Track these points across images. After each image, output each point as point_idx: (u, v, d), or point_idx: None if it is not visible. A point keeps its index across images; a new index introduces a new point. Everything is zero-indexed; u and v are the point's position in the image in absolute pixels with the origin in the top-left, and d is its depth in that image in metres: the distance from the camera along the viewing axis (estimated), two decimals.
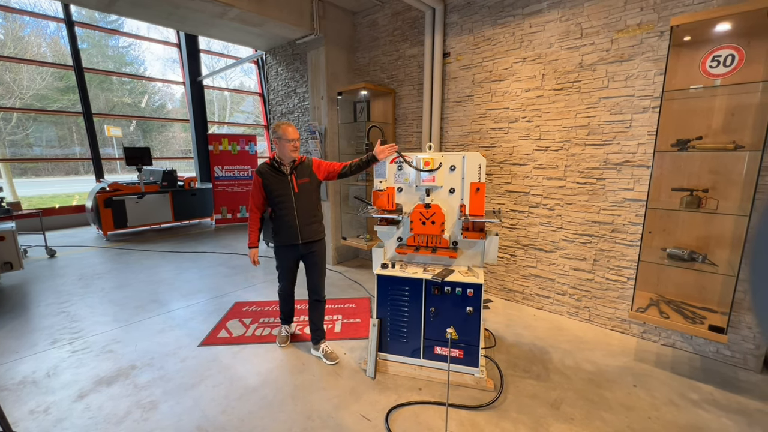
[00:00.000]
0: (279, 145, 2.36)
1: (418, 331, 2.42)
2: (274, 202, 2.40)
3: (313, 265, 2.57)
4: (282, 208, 2.40)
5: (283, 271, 2.60)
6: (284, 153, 2.37)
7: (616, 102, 2.84)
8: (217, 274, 4.58)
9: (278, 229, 2.46)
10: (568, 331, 3.08)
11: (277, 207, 2.40)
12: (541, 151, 3.28)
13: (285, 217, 2.41)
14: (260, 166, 2.43)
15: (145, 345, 2.87)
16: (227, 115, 14.22)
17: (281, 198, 2.40)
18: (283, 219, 2.41)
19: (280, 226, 2.43)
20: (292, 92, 6.09)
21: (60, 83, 10.45)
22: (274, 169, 2.41)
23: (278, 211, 2.41)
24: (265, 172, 2.41)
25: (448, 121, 3.90)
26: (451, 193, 2.46)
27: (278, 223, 2.43)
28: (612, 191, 2.94)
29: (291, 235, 2.45)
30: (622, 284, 2.99)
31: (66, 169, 13.75)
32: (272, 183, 2.39)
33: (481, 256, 2.50)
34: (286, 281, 2.64)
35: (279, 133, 2.36)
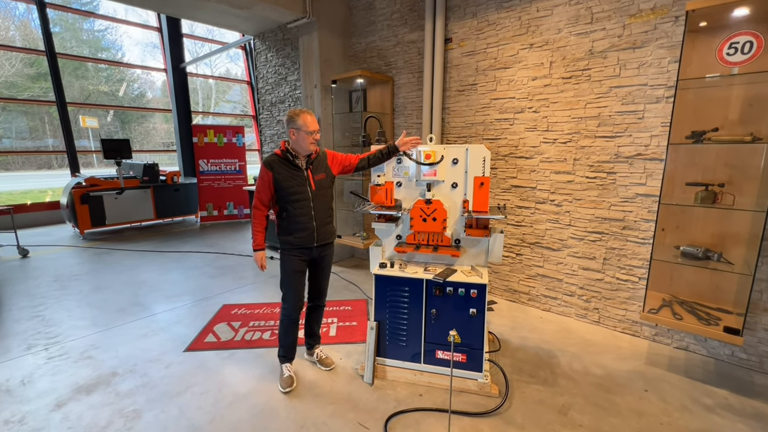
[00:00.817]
0: (297, 137, 2.18)
1: (418, 334, 2.43)
2: (286, 200, 2.23)
3: (323, 269, 2.46)
4: (297, 207, 2.23)
5: (290, 282, 2.32)
6: (302, 146, 2.21)
7: (628, 91, 2.86)
8: (203, 275, 4.57)
9: (290, 231, 2.27)
10: (576, 333, 3.11)
11: (290, 206, 2.23)
12: (549, 143, 3.29)
13: (300, 217, 2.25)
14: (269, 159, 2.23)
15: (127, 350, 2.86)
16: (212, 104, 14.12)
17: (296, 196, 2.23)
18: (297, 219, 2.24)
19: (293, 227, 2.26)
20: (283, 80, 6.06)
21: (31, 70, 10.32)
22: (287, 162, 2.22)
23: (292, 210, 2.23)
24: (277, 166, 2.21)
25: (450, 111, 3.91)
26: (454, 188, 2.47)
27: (290, 224, 2.26)
28: (623, 186, 2.97)
29: (306, 237, 2.29)
30: (633, 284, 3.03)
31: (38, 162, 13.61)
32: (285, 179, 2.21)
33: (485, 255, 2.51)
34: (294, 296, 2.33)
35: (298, 123, 2.17)
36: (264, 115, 6.74)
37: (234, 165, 7.66)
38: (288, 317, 2.38)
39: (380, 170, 2.59)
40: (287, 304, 2.37)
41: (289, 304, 2.36)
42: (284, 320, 2.40)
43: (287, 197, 2.22)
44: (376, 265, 2.53)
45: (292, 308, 2.36)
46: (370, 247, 2.64)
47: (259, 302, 3.74)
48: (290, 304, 2.36)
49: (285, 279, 2.34)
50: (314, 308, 2.61)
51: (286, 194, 2.22)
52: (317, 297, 2.56)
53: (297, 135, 2.19)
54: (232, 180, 7.68)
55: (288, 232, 2.29)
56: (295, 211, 2.24)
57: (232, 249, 5.72)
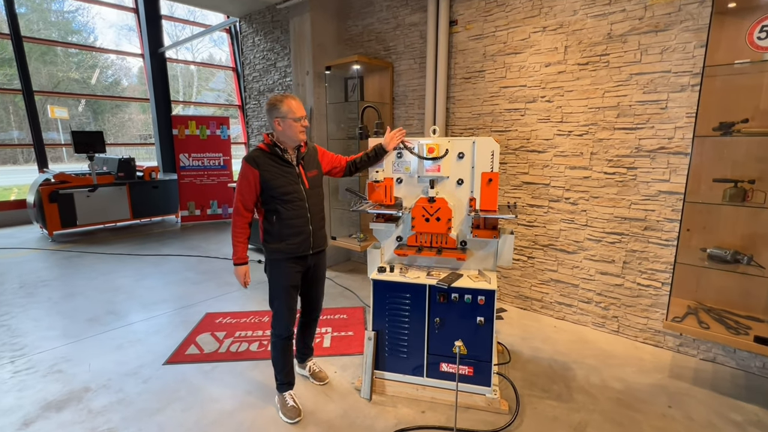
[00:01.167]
0: (283, 126, 2.08)
1: (420, 345, 2.43)
2: (277, 201, 2.11)
3: (317, 279, 2.40)
4: (290, 209, 2.13)
5: (283, 297, 2.22)
6: (291, 136, 2.10)
7: (650, 79, 2.87)
8: (184, 280, 4.56)
9: (282, 236, 2.15)
10: (593, 344, 3.12)
11: (282, 207, 2.12)
12: (564, 135, 3.30)
13: (294, 219, 2.15)
14: (253, 154, 2.11)
15: (101, 364, 2.85)
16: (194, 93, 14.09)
17: (289, 197, 2.12)
18: (291, 222, 2.14)
19: (286, 233, 2.15)
20: (272, 66, 6.05)
21: None
22: (276, 157, 2.12)
23: (285, 212, 2.13)
24: (264, 162, 2.09)
25: (456, 100, 3.91)
26: (459, 185, 2.47)
27: (282, 228, 2.14)
28: (645, 182, 2.97)
29: (301, 244, 2.19)
30: (655, 290, 3.03)
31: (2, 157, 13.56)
32: (275, 176, 2.09)
33: (494, 258, 2.51)
34: (289, 315, 2.24)
35: (282, 109, 2.07)
36: (251, 105, 6.72)
37: (218, 160, 7.65)
38: (280, 337, 2.26)
39: (379, 165, 2.58)
40: (279, 325, 2.24)
41: (282, 325, 2.24)
42: (277, 343, 2.27)
43: (278, 198, 2.11)
44: (374, 270, 2.53)
45: (284, 328, 2.25)
46: (368, 250, 2.63)
47: (246, 310, 3.73)
48: (283, 325, 2.24)
49: (277, 296, 2.22)
50: (308, 323, 2.55)
51: (275, 195, 2.10)
52: (314, 309, 2.49)
53: (283, 124, 2.08)
54: (216, 176, 7.67)
55: (279, 239, 2.15)
56: (288, 213, 2.13)
57: (216, 252, 5.71)
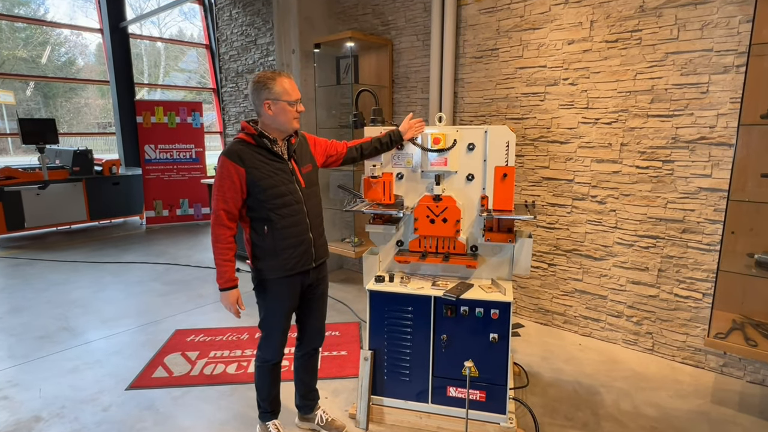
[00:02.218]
0: (275, 110, 1.97)
1: (425, 366, 2.44)
2: (269, 206, 2.00)
3: (319, 297, 2.31)
4: (286, 215, 2.03)
5: (276, 323, 2.15)
6: (283, 123, 2.00)
7: (688, 58, 2.89)
8: (150, 291, 4.56)
9: (277, 251, 2.05)
10: (624, 364, 3.13)
11: (275, 214, 2.01)
12: (590, 124, 3.32)
13: (291, 228, 2.05)
14: (236, 148, 1.99)
15: (53, 389, 2.85)
16: (161, 74, 14.08)
17: (284, 199, 2.02)
18: (288, 232, 2.04)
19: (281, 245, 2.05)
20: (252, 44, 6.06)
21: None
22: (264, 150, 2.01)
23: (279, 220, 2.02)
24: (250, 158, 1.98)
25: (465, 83, 3.92)
26: (469, 181, 2.49)
27: (276, 241, 2.04)
28: (683, 178, 3.00)
29: (302, 257, 2.10)
30: (695, 302, 3.05)
31: None
32: (265, 175, 1.99)
33: (509, 266, 2.52)
34: (281, 338, 2.19)
35: (275, 90, 1.95)
36: (228, 89, 6.73)
37: (189, 152, 7.65)
38: (268, 362, 2.23)
39: (376, 158, 2.59)
40: (270, 350, 2.20)
41: (273, 350, 2.20)
42: (264, 367, 2.24)
43: (271, 202, 2.00)
44: (370, 279, 2.53)
45: (275, 353, 2.21)
46: (364, 256, 2.64)
47: (221, 326, 3.74)
48: (274, 350, 2.20)
49: (271, 320, 2.16)
50: (308, 357, 2.41)
51: (268, 198, 1.99)
52: (313, 338, 2.36)
53: (275, 108, 1.96)
54: (187, 171, 7.66)
55: (273, 254, 2.05)
56: (284, 222, 2.03)
57: (186, 259, 5.71)
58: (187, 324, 3.79)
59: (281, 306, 2.15)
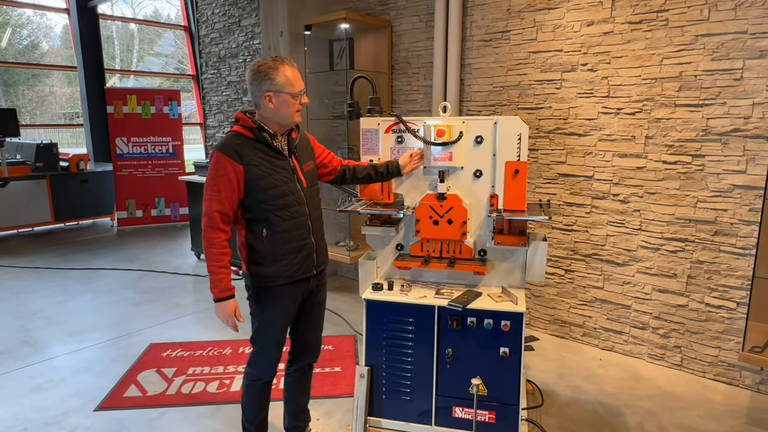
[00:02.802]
0: (276, 103, 1.98)
1: (427, 384, 2.43)
2: (268, 207, 2.01)
3: (317, 306, 2.32)
4: (287, 217, 2.04)
5: (274, 335, 2.16)
6: (284, 117, 2.02)
7: (720, 42, 2.88)
8: (122, 301, 4.54)
9: (277, 255, 2.05)
10: (649, 381, 3.13)
11: (276, 215, 2.03)
12: (611, 114, 3.31)
13: (292, 231, 2.06)
14: (232, 141, 1.98)
15: (13, 409, 2.83)
16: (135, 59, 14.06)
17: (285, 200, 2.03)
18: (289, 235, 2.06)
19: (282, 250, 2.05)
20: (235, 25, 6.05)
21: None
22: (263, 145, 2.02)
23: (279, 222, 2.03)
24: (249, 153, 1.98)
25: (472, 69, 3.92)
26: (477, 178, 2.48)
27: (276, 245, 2.05)
28: (714, 174, 2.99)
29: (304, 262, 2.12)
30: (728, 312, 3.05)
31: None
32: (265, 173, 1.99)
33: (522, 272, 2.52)
34: (276, 353, 2.18)
35: (277, 80, 1.95)
36: (209, 75, 6.72)
37: (166, 145, 7.63)
38: (260, 380, 2.22)
39: (373, 152, 2.58)
40: (262, 366, 2.19)
41: (266, 366, 2.19)
42: (254, 386, 2.22)
43: (271, 203, 2.01)
44: (367, 287, 2.53)
45: (268, 370, 2.21)
46: (360, 261, 2.63)
47: (202, 340, 3.72)
48: (268, 367, 2.19)
49: (266, 332, 2.15)
50: (301, 372, 2.42)
51: (268, 198, 2.00)
52: (308, 353, 2.37)
53: (276, 101, 1.97)
54: (164, 167, 7.64)
55: (273, 259, 2.05)
56: (285, 224, 2.04)
57: (163, 265, 5.69)
58: (163, 337, 3.77)
59: (279, 317, 2.14)
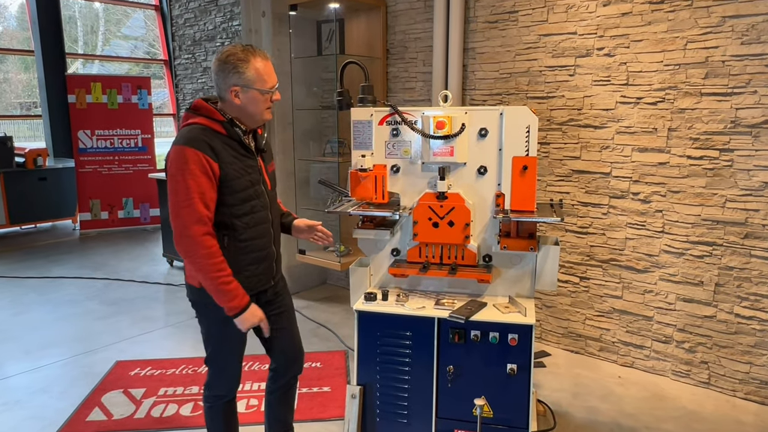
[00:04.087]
0: (244, 99, 1.98)
1: (426, 404, 2.44)
2: (232, 211, 2.00)
3: (285, 315, 2.33)
4: (251, 223, 2.05)
5: (232, 352, 2.18)
6: (252, 114, 2.02)
7: (750, 23, 2.91)
8: (85, 314, 4.52)
9: (239, 267, 2.03)
10: (673, 401, 3.14)
11: (240, 222, 2.02)
12: (630, 104, 3.33)
13: (255, 241, 2.08)
14: (204, 137, 1.93)
15: None
16: (100, 43, 14.03)
17: (251, 204, 2.04)
18: (252, 245, 2.07)
19: (245, 260, 2.06)
20: (212, 5, 6.05)
21: None
22: (235, 142, 2.01)
23: (243, 229, 2.03)
24: (220, 147, 1.95)
25: (476, 54, 3.93)
26: (481, 175, 2.49)
27: (238, 255, 2.04)
28: (745, 171, 3.01)
29: (264, 275, 2.16)
30: (761, 324, 3.07)
31: None
32: (236, 173, 1.98)
33: (531, 280, 2.52)
34: (235, 369, 2.22)
35: (246, 74, 1.94)
36: (182, 60, 6.71)
37: (135, 139, 7.61)
38: (222, 399, 2.23)
39: (366, 146, 2.59)
40: (222, 382, 2.21)
41: (226, 382, 2.22)
42: (216, 407, 2.24)
43: (235, 206, 2.00)
44: (359, 297, 2.53)
45: (230, 386, 2.24)
46: (351, 268, 2.63)
47: (174, 357, 3.71)
48: (228, 382, 2.22)
49: (225, 349, 2.17)
50: (286, 387, 2.41)
51: (236, 202, 2.00)
52: (291, 365, 2.37)
53: (243, 96, 1.97)
54: (132, 163, 7.63)
55: (234, 269, 2.00)
56: (249, 232, 2.05)
57: (130, 273, 5.67)
58: (130, 354, 3.76)
59: (233, 332, 2.10)
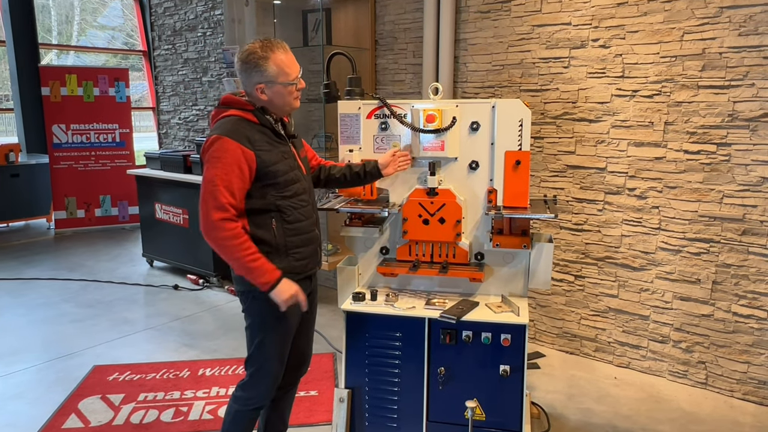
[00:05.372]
0: (270, 95, 2.07)
1: (416, 408, 2.44)
2: (279, 194, 2.08)
3: (312, 316, 2.41)
4: (297, 206, 2.13)
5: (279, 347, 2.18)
6: (282, 106, 2.12)
7: (747, 14, 2.93)
8: (61, 316, 4.49)
9: (288, 249, 2.11)
10: (670, 402, 3.17)
11: (287, 204, 2.10)
12: (626, 97, 3.35)
13: (302, 222, 2.15)
14: (239, 127, 2.02)
15: None
16: (75, 33, 13.89)
17: (295, 187, 2.12)
18: (300, 227, 2.14)
19: (294, 243, 2.13)
20: None
21: None
22: (268, 131, 2.10)
23: (291, 211, 2.11)
24: (258, 138, 2.04)
25: (468, 45, 3.93)
26: (473, 170, 2.49)
27: (288, 237, 2.11)
28: (742, 165, 3.03)
29: (313, 258, 2.23)
30: (759, 322, 3.09)
31: None
32: (274, 159, 2.06)
33: (525, 278, 2.53)
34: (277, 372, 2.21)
35: (268, 71, 2.02)
36: (162, 51, 6.66)
37: (112, 133, 7.55)
38: (254, 408, 2.23)
39: (354, 140, 2.58)
40: (261, 390, 2.19)
41: (265, 390, 2.20)
42: (245, 413, 2.23)
43: (281, 189, 2.08)
44: (347, 297, 2.53)
45: (266, 394, 2.22)
46: (338, 267, 2.63)
47: (154, 361, 3.70)
48: (267, 390, 2.20)
49: (271, 346, 2.16)
50: (289, 387, 2.45)
51: (281, 184, 2.08)
52: (300, 364, 2.42)
53: (270, 92, 2.06)
54: (110, 159, 7.57)
55: (284, 251, 2.10)
56: (296, 213, 2.12)
57: (108, 273, 5.64)
58: (108, 358, 3.74)
59: (286, 323, 2.14)
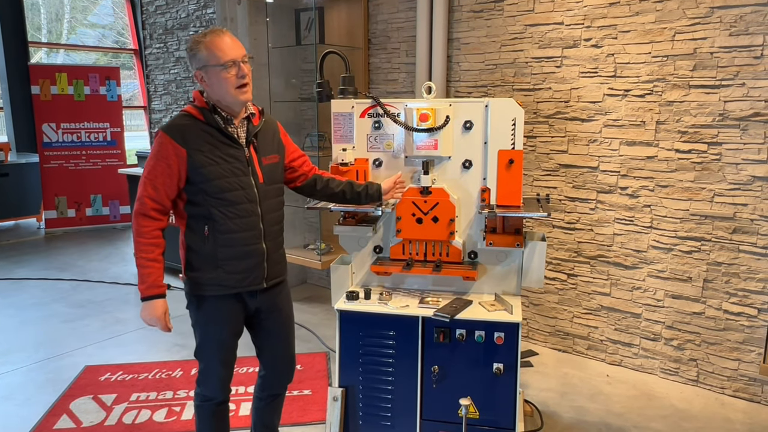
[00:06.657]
0: (209, 80, 2.00)
1: (410, 406, 2.45)
2: (212, 201, 2.02)
3: (281, 325, 2.32)
4: (233, 215, 2.04)
5: (216, 351, 2.17)
6: (223, 95, 2.01)
7: (738, 14, 2.95)
8: (52, 316, 4.48)
9: (217, 259, 2.07)
10: (662, 400, 3.19)
11: (220, 213, 2.03)
12: (618, 96, 3.37)
13: (239, 233, 2.06)
14: (178, 121, 2.02)
15: None
16: (65, 31, 13.79)
17: (232, 195, 2.03)
18: (234, 237, 2.06)
19: (225, 253, 2.06)
20: None
21: None
22: (214, 129, 2.03)
23: (223, 220, 2.04)
24: (195, 137, 2.00)
25: (461, 44, 3.94)
26: (466, 169, 2.50)
27: (217, 245, 2.06)
28: (733, 165, 3.06)
29: (249, 272, 2.12)
30: (749, 320, 3.12)
31: None
32: (211, 160, 2.00)
33: (518, 277, 2.55)
34: (222, 371, 2.21)
35: (200, 54, 1.96)
36: (154, 50, 6.63)
37: (103, 132, 7.52)
38: (210, 400, 2.23)
39: (347, 139, 2.59)
40: (209, 385, 2.21)
41: (213, 385, 2.21)
42: (205, 407, 2.24)
43: (214, 195, 2.02)
44: (341, 296, 2.53)
45: (217, 389, 2.23)
46: (332, 267, 2.63)
47: (146, 361, 3.69)
48: (215, 385, 2.21)
49: (208, 348, 2.18)
50: (273, 397, 2.43)
51: (212, 190, 2.01)
52: (279, 377, 2.38)
53: (208, 78, 2.00)
54: (101, 158, 7.53)
55: (212, 263, 2.07)
56: (230, 224, 2.04)
57: (100, 273, 5.62)
58: (100, 358, 3.73)
59: (217, 332, 2.14)
